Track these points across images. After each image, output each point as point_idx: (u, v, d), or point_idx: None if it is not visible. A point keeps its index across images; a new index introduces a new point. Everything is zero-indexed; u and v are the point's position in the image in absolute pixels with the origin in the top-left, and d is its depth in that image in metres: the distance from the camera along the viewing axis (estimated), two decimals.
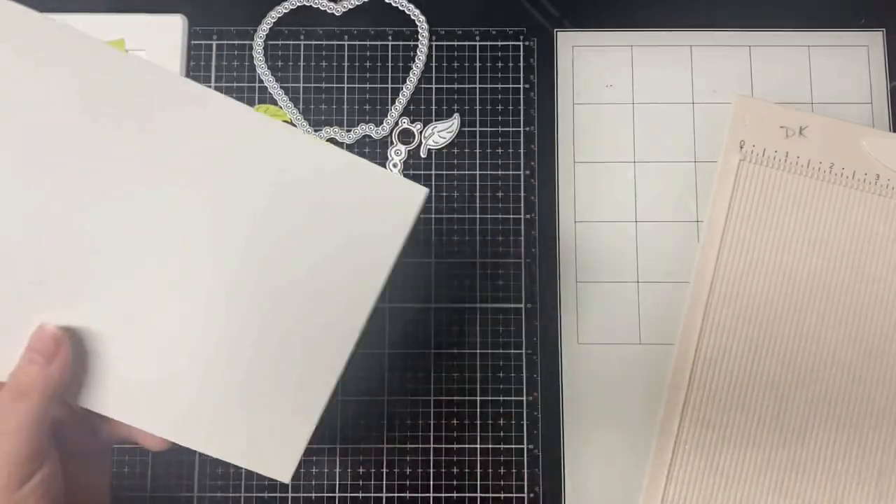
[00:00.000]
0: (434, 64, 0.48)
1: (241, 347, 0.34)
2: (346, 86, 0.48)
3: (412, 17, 0.48)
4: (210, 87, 0.47)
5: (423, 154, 0.47)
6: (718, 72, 0.47)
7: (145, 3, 0.48)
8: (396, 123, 0.47)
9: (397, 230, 0.35)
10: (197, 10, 0.48)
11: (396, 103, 0.47)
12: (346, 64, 0.48)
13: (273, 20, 0.48)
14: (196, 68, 0.48)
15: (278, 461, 0.34)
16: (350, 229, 0.34)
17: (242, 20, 0.48)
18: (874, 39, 0.48)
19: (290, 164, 0.34)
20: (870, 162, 0.44)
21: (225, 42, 0.48)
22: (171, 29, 0.47)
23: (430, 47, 0.48)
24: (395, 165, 0.47)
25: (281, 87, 0.47)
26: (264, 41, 0.48)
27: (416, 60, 0.48)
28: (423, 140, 0.47)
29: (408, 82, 0.47)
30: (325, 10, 0.48)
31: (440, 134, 0.47)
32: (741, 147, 0.45)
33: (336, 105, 0.47)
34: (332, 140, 0.47)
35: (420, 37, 0.48)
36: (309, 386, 0.34)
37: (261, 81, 0.47)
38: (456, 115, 0.47)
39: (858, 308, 0.43)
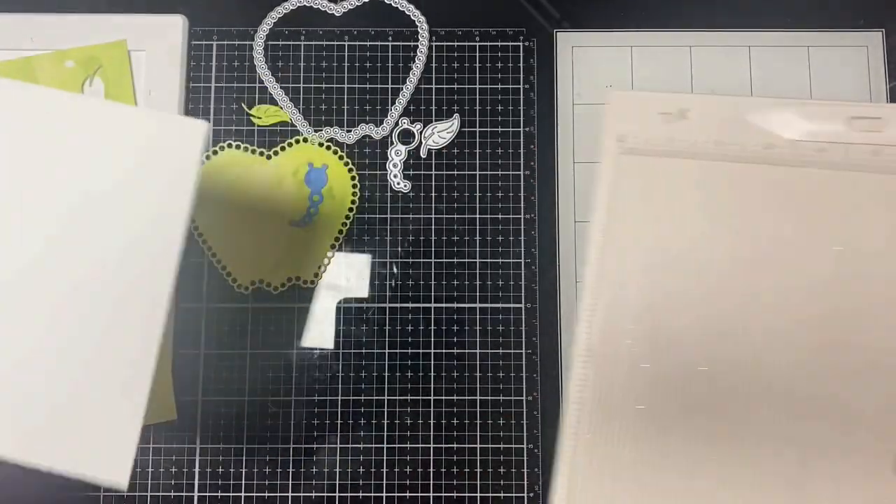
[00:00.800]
0: (434, 64, 0.48)
1: (41, 346, 0.30)
2: (346, 86, 0.48)
3: (412, 17, 0.48)
4: (210, 87, 0.47)
5: (423, 154, 0.47)
6: (718, 72, 0.47)
7: (145, 3, 0.48)
8: (396, 123, 0.47)
9: (184, 175, 0.30)
10: (197, 10, 0.48)
11: (396, 103, 0.47)
12: (346, 64, 0.48)
13: (273, 20, 0.48)
14: (196, 69, 0.48)
15: (110, 465, 0.30)
16: (132, 187, 0.30)
17: (242, 20, 0.48)
18: (873, 39, 0.48)
19: (48, 126, 0.30)
20: (757, 132, 0.43)
21: (225, 42, 0.48)
22: (171, 29, 0.47)
23: (429, 47, 0.48)
24: (395, 165, 0.47)
25: (281, 87, 0.47)
26: (265, 41, 0.48)
27: (416, 60, 0.48)
28: (423, 140, 0.47)
29: (408, 82, 0.47)
30: (326, 11, 0.48)
31: (440, 134, 0.47)
32: (621, 141, 0.44)
33: (336, 105, 0.47)
34: (332, 140, 0.47)
35: (420, 37, 0.48)
36: (128, 377, 0.30)
37: (261, 82, 0.47)
38: (456, 115, 0.47)
39: (755, 285, 0.41)
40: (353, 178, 0.46)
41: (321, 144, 0.47)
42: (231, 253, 0.45)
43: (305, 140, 0.47)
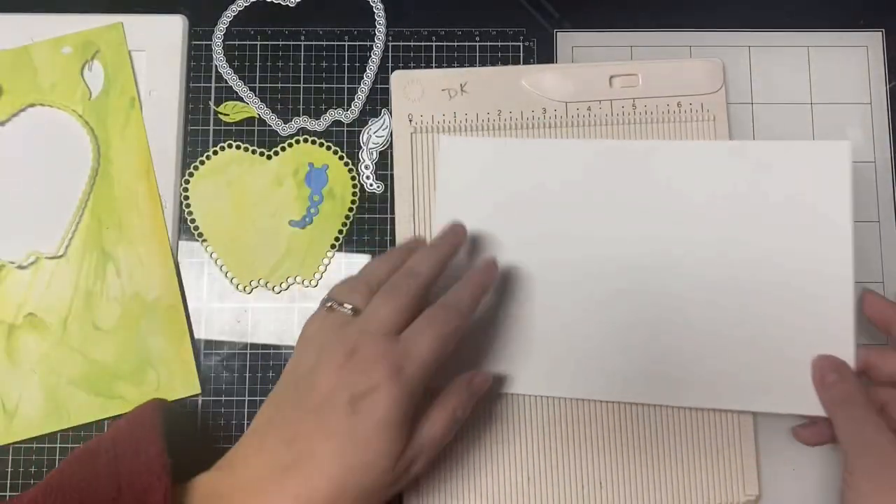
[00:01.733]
0: (434, 64, 0.48)
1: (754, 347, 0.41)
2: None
3: (374, 9, 0.48)
4: (210, 86, 0.47)
5: (365, 157, 0.46)
6: None
7: (145, 3, 0.48)
8: (362, 110, 0.47)
9: (840, 190, 0.41)
10: (197, 10, 0.48)
11: (359, 92, 0.47)
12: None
13: (233, 14, 0.48)
14: (196, 68, 0.48)
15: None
16: (797, 205, 0.41)
17: (249, 23, 0.48)
18: (873, 40, 0.48)
19: (725, 172, 0.42)
20: (533, 98, 0.45)
21: (235, 42, 0.48)
22: (171, 29, 0.47)
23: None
24: (366, 167, 0.46)
25: (247, 84, 0.47)
26: (223, 40, 0.48)
27: (375, 48, 0.48)
28: (362, 145, 0.46)
29: (366, 75, 0.47)
30: (282, 4, 0.48)
31: (377, 134, 0.46)
32: (410, 120, 0.45)
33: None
34: (302, 129, 0.47)
35: (377, 30, 0.48)
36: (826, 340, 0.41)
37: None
38: (385, 112, 0.47)
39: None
40: (353, 178, 0.46)
41: (322, 144, 0.47)
42: (231, 253, 0.45)
43: (306, 140, 0.47)
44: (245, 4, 0.48)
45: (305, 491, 0.32)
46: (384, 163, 0.46)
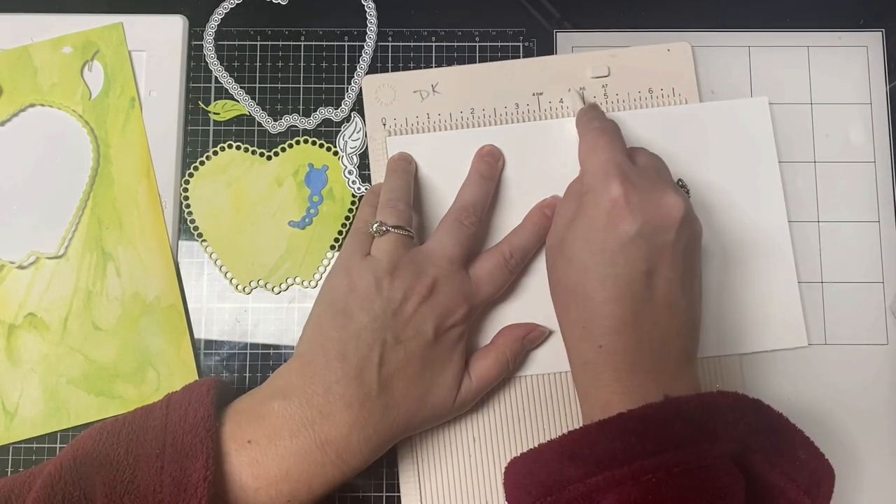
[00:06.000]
0: (434, 65, 0.48)
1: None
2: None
3: (366, 8, 0.48)
4: (210, 86, 0.47)
5: (346, 163, 0.46)
6: (718, 72, 0.47)
7: (145, 3, 0.48)
8: (352, 109, 0.47)
9: (765, 142, 0.45)
10: (197, 10, 0.48)
11: (350, 91, 0.47)
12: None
13: (224, 11, 0.48)
14: (196, 69, 0.48)
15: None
16: (725, 164, 0.44)
17: (242, 21, 0.48)
18: (873, 40, 0.48)
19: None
20: (505, 94, 0.46)
21: (225, 42, 0.48)
22: (171, 29, 0.47)
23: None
24: (350, 172, 0.46)
25: (237, 82, 0.47)
26: (214, 39, 0.48)
27: (366, 47, 0.47)
28: (340, 152, 0.46)
29: (356, 75, 0.47)
30: (275, 3, 0.48)
31: (352, 139, 0.46)
32: (384, 124, 0.45)
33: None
34: (293, 127, 0.47)
35: (369, 28, 0.48)
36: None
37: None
38: (355, 116, 0.47)
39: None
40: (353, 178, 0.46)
41: (322, 146, 0.47)
42: (231, 253, 0.45)
43: (306, 141, 0.47)
44: (237, 2, 0.48)
45: (389, 411, 0.37)
46: (366, 163, 0.46)
